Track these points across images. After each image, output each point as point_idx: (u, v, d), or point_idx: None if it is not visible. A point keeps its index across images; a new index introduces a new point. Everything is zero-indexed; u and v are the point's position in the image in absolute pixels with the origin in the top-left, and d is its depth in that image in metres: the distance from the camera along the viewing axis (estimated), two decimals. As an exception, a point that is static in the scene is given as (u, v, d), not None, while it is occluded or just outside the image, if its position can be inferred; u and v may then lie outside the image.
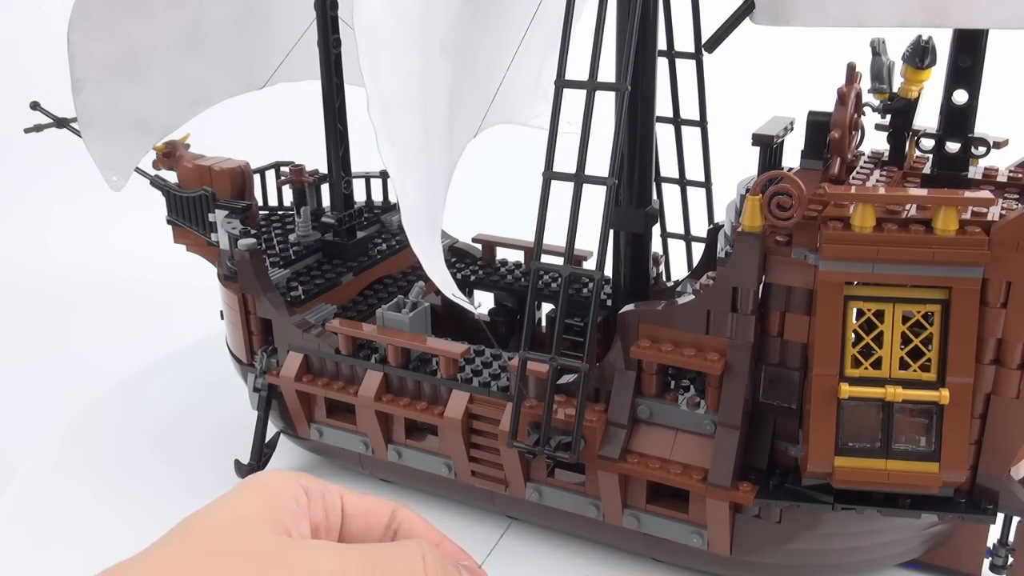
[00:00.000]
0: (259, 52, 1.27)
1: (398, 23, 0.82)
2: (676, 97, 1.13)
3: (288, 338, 1.11)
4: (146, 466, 1.25)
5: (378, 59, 0.81)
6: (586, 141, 0.84)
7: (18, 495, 1.21)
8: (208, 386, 1.42)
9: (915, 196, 0.77)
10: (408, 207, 0.87)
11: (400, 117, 0.84)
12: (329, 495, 0.38)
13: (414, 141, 0.87)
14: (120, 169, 1.21)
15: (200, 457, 1.25)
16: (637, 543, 0.98)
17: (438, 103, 0.92)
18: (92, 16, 1.10)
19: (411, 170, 0.87)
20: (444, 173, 0.97)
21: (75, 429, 1.37)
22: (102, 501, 1.18)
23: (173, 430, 1.34)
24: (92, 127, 1.16)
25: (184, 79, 1.22)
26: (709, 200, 1.17)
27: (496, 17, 1.05)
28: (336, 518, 0.38)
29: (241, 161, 1.24)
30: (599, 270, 0.88)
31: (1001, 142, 0.87)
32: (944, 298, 0.76)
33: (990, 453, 0.80)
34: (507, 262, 1.34)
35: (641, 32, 0.90)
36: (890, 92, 0.88)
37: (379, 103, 0.81)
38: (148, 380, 1.51)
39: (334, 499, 0.38)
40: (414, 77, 0.86)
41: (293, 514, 0.36)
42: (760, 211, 0.79)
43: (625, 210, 1.00)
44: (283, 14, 1.25)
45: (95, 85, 1.13)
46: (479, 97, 1.13)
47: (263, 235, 1.29)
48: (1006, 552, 0.92)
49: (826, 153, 0.86)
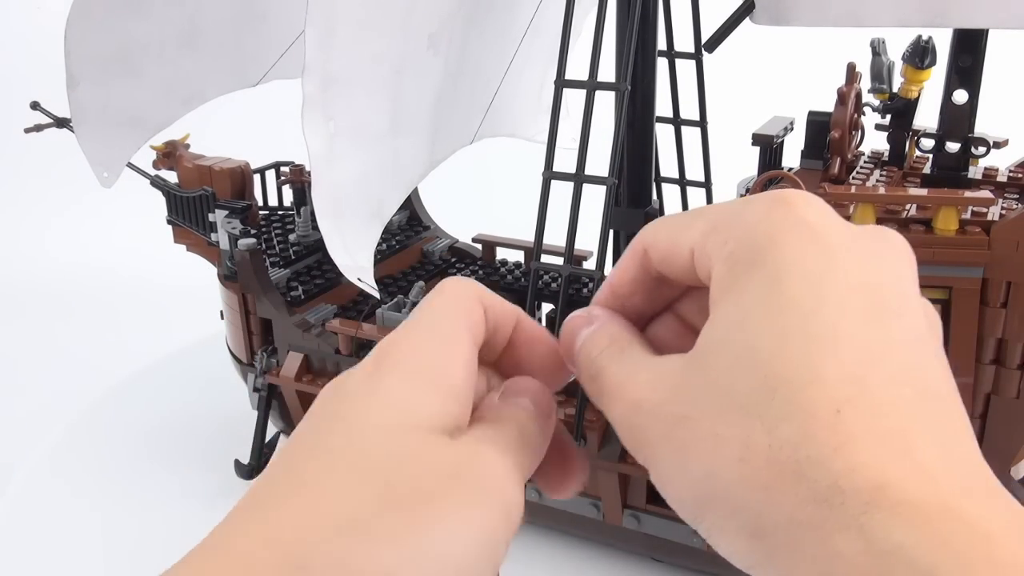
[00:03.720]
0: (255, 49, 1.27)
1: (370, 5, 0.81)
2: (676, 97, 1.12)
3: (288, 338, 1.11)
4: (146, 466, 1.25)
5: (333, 34, 0.79)
6: (586, 141, 0.84)
7: (17, 496, 1.21)
8: (208, 386, 1.42)
9: (915, 196, 0.77)
10: (335, 184, 0.85)
11: (348, 96, 0.83)
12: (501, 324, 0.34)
13: (369, 126, 0.86)
14: (111, 165, 1.20)
15: (200, 457, 1.25)
16: (637, 543, 0.98)
17: (420, 99, 0.91)
18: (90, 13, 1.09)
19: (355, 152, 0.85)
20: (412, 169, 0.96)
21: (74, 429, 1.37)
22: (101, 501, 1.18)
23: (173, 430, 1.34)
24: (86, 123, 1.16)
25: (179, 76, 1.21)
26: (709, 200, 1.17)
27: (495, 23, 1.05)
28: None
29: (241, 161, 1.24)
30: (599, 270, 0.88)
31: (1001, 142, 0.87)
32: (944, 298, 0.76)
33: (990, 453, 0.80)
34: (507, 262, 1.34)
35: (641, 32, 0.90)
36: (890, 92, 0.88)
37: (319, 75, 0.79)
38: (148, 380, 1.51)
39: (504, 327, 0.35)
40: (385, 64, 0.84)
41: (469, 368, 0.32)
42: (760, 211, 0.78)
43: (625, 210, 1.00)
44: (281, 12, 1.25)
45: (90, 81, 1.13)
46: (477, 103, 1.13)
47: (263, 235, 1.29)
48: (1006, 552, 0.92)
49: (826, 153, 0.86)
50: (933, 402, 0.28)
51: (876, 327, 0.28)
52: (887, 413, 0.27)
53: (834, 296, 0.29)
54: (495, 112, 1.17)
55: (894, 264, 0.31)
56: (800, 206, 0.31)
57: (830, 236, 0.30)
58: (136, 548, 1.07)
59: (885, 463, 0.26)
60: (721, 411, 0.29)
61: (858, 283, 0.29)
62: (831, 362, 0.28)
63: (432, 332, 0.32)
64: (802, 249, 0.29)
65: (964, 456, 0.27)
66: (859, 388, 0.27)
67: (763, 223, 0.30)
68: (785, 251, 0.29)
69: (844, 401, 0.27)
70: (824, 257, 0.29)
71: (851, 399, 0.27)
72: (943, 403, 0.28)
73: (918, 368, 0.29)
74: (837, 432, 0.26)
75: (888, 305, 0.29)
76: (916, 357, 0.29)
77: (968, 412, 0.30)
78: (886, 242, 0.32)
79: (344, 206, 0.87)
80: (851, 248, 0.30)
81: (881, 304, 0.29)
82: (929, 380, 0.28)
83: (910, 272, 0.31)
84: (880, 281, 0.30)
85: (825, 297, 0.29)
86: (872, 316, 0.29)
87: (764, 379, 0.28)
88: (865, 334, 0.28)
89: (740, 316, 0.29)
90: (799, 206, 0.31)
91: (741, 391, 0.28)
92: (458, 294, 0.33)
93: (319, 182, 0.84)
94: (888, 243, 0.31)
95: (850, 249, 0.30)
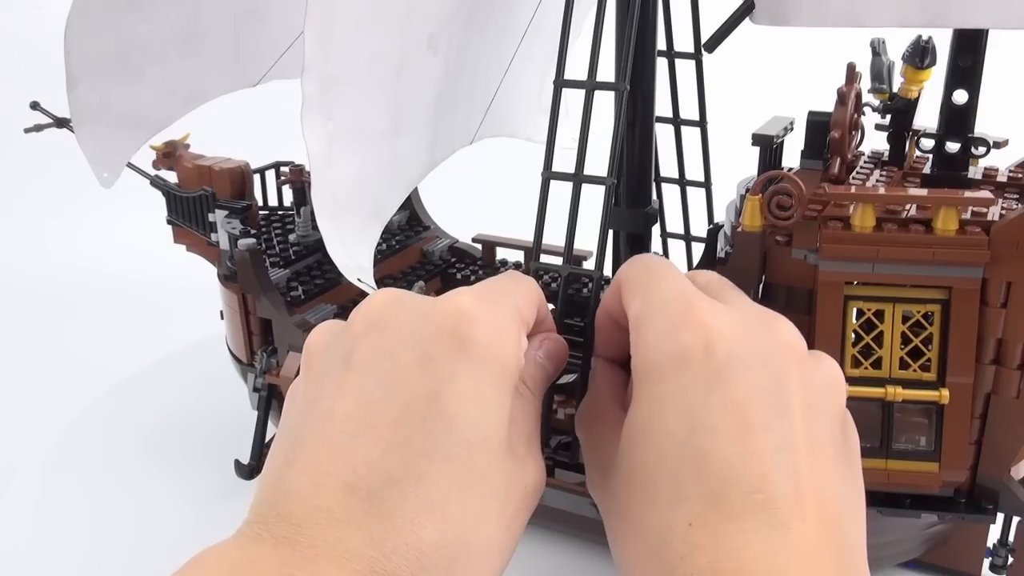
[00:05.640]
0: (255, 49, 1.27)
1: (370, 5, 0.81)
2: (676, 97, 1.12)
3: (288, 338, 1.10)
4: (146, 466, 1.25)
5: (332, 34, 0.79)
6: (585, 141, 0.84)
7: (17, 496, 1.21)
8: (208, 386, 1.42)
9: (915, 196, 0.77)
10: (335, 184, 0.85)
11: (348, 97, 0.82)
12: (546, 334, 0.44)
13: (368, 126, 0.86)
14: (111, 166, 1.20)
15: (200, 457, 1.25)
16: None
17: (420, 99, 0.91)
18: (90, 13, 1.09)
19: (354, 152, 0.85)
20: (412, 169, 0.96)
21: (74, 430, 1.37)
22: (101, 501, 1.18)
23: (172, 430, 1.34)
24: (85, 123, 1.16)
25: (179, 76, 1.21)
26: (709, 200, 1.17)
27: (495, 23, 1.05)
28: None
29: (241, 161, 1.24)
30: (599, 270, 0.87)
31: (1001, 142, 0.87)
32: (944, 298, 0.76)
33: (990, 453, 0.80)
34: (507, 262, 1.34)
35: (640, 32, 0.90)
36: (890, 92, 0.88)
37: (319, 75, 0.79)
38: (147, 381, 1.51)
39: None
40: (385, 64, 0.84)
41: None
42: (760, 211, 0.79)
43: (625, 210, 1.00)
44: (280, 12, 1.25)
45: (90, 81, 1.13)
46: (476, 104, 1.12)
47: (263, 235, 1.29)
48: (1006, 552, 0.92)
49: (826, 153, 0.86)
50: (780, 506, 0.33)
51: (744, 443, 0.33)
52: (734, 519, 0.32)
53: (704, 422, 0.34)
54: (495, 112, 1.17)
55: (775, 366, 0.36)
56: (694, 326, 0.36)
57: (714, 357, 0.35)
58: (136, 548, 1.07)
59: (718, 568, 0.31)
60: (619, 512, 0.36)
61: (730, 402, 0.34)
62: (692, 484, 0.33)
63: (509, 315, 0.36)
64: (686, 379, 0.35)
65: (792, 555, 0.31)
66: (714, 504, 0.32)
67: (656, 345, 0.36)
68: (669, 380, 0.35)
69: (695, 516, 0.32)
70: (701, 383, 0.35)
71: (702, 515, 0.32)
72: (792, 506, 0.33)
73: (774, 474, 0.33)
74: (686, 542, 0.32)
75: (756, 419, 0.34)
76: (773, 466, 0.33)
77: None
78: (771, 343, 0.37)
79: (344, 206, 0.87)
80: (732, 365, 0.35)
81: (751, 418, 0.34)
82: (779, 487, 0.33)
83: (791, 368, 0.36)
84: (753, 393, 0.35)
85: (696, 424, 0.34)
86: (740, 434, 0.34)
87: (644, 493, 0.34)
88: (728, 453, 0.33)
89: (633, 433, 0.35)
90: (693, 327, 0.36)
91: (633, 501, 0.34)
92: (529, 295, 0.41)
93: (319, 182, 0.84)
94: (774, 343, 0.37)
95: (731, 366, 0.35)
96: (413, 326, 0.33)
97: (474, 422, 0.32)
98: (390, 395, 0.31)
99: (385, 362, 0.32)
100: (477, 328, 0.33)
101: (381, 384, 0.31)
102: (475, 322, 0.33)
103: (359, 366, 0.32)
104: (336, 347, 0.34)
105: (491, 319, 0.34)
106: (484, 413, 0.32)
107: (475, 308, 0.34)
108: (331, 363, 0.34)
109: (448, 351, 0.32)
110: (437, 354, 0.32)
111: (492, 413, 0.32)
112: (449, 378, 0.31)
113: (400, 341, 0.33)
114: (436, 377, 0.32)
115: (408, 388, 0.31)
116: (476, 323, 0.33)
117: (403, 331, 0.33)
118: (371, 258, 0.93)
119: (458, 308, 0.33)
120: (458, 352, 0.32)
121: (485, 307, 0.34)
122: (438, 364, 0.32)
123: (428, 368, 0.32)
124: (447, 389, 0.31)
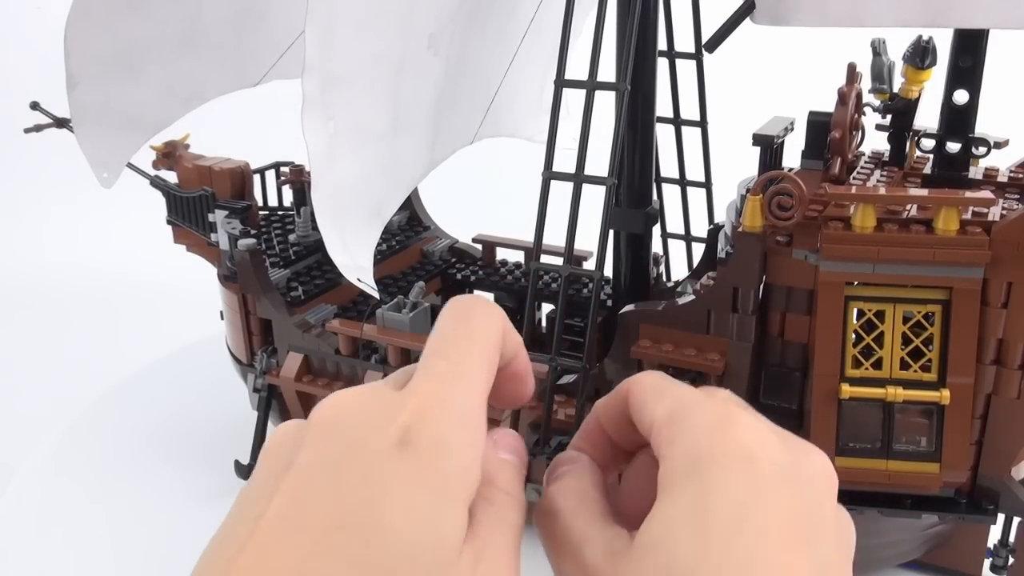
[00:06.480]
0: (255, 49, 1.27)
1: (371, 5, 0.81)
2: (676, 97, 1.12)
3: (288, 338, 1.10)
4: (145, 467, 1.25)
5: (332, 34, 0.79)
6: (586, 141, 0.84)
7: (18, 496, 1.21)
8: (208, 386, 1.42)
9: (915, 196, 0.77)
10: (335, 184, 0.85)
11: (349, 96, 0.83)
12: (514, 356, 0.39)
13: (369, 126, 0.86)
14: (111, 166, 1.20)
15: (200, 458, 1.25)
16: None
17: (420, 99, 0.91)
18: (90, 13, 1.09)
19: (354, 152, 0.85)
20: (412, 169, 0.96)
21: (74, 430, 1.37)
22: (101, 502, 1.18)
23: (172, 431, 1.34)
24: (85, 123, 1.16)
25: (179, 76, 1.21)
26: (709, 200, 1.17)
27: (496, 23, 1.05)
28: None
29: (241, 161, 1.24)
30: (599, 270, 0.87)
31: (1001, 142, 0.87)
32: (945, 298, 0.76)
33: (991, 453, 0.80)
34: (507, 262, 1.34)
35: (641, 32, 0.90)
36: (890, 92, 0.88)
37: (319, 75, 0.79)
38: (147, 381, 1.51)
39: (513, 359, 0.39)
40: (385, 64, 0.84)
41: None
42: (761, 211, 0.78)
43: (625, 210, 1.00)
44: (281, 12, 1.25)
45: (90, 81, 1.13)
46: (477, 104, 1.12)
47: (263, 235, 1.29)
48: (1007, 553, 0.92)
49: (826, 153, 0.86)
50: None
51: (791, 555, 0.32)
52: None
53: (756, 524, 0.32)
54: (495, 112, 1.17)
55: (817, 488, 0.35)
56: (741, 428, 0.35)
57: (763, 463, 0.34)
58: (136, 547, 1.07)
59: None
60: None
61: (780, 510, 0.33)
62: None
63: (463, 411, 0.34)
64: (734, 473, 0.33)
65: None
66: None
67: (705, 437, 0.34)
68: (717, 472, 0.33)
69: None
70: (753, 484, 0.33)
71: None
72: None
73: None
74: None
75: (802, 535, 0.33)
76: None
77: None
78: (811, 465, 0.36)
79: (344, 206, 0.87)
80: (780, 475, 0.34)
81: (797, 532, 0.33)
82: None
83: (829, 494, 0.36)
84: (800, 509, 0.34)
85: (747, 524, 0.32)
86: (788, 545, 0.32)
87: None
88: (778, 562, 0.32)
89: (671, 522, 0.33)
90: (740, 427, 0.35)
91: None
92: (489, 334, 0.36)
93: (319, 182, 0.84)
94: (814, 465, 0.36)
95: (779, 476, 0.34)
96: (357, 433, 0.33)
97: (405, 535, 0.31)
98: (322, 502, 0.31)
99: (324, 470, 0.32)
100: (420, 437, 0.32)
101: (316, 491, 0.31)
102: (418, 432, 0.32)
103: (299, 469, 0.32)
104: (289, 448, 0.34)
105: (437, 426, 0.32)
106: (418, 527, 0.31)
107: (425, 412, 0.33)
108: (280, 464, 0.33)
109: (388, 461, 0.32)
110: (376, 464, 0.32)
111: (429, 526, 0.31)
112: (384, 490, 0.31)
113: (341, 450, 0.32)
114: (370, 489, 0.31)
115: (342, 497, 0.31)
116: (419, 433, 0.32)
117: (347, 438, 0.33)
118: (371, 258, 0.93)
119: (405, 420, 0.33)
120: (399, 463, 0.32)
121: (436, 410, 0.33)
122: (376, 474, 0.31)
123: (366, 478, 0.31)
124: (381, 501, 0.31)
